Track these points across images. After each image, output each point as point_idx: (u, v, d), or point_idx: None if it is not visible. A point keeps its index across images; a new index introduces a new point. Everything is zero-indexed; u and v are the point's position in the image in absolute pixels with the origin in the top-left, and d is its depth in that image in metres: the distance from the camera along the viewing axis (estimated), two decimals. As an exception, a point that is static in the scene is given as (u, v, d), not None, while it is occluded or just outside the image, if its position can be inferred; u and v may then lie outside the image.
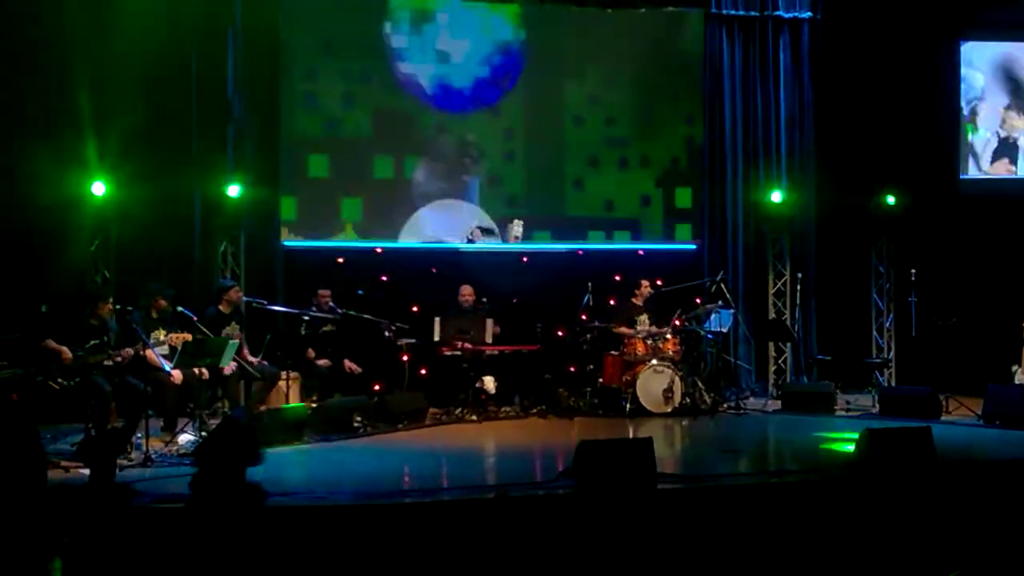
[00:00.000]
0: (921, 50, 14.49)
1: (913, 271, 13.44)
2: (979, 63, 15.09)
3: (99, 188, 12.02)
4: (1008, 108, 15.18)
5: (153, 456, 8.93)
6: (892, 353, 14.65)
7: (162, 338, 9.83)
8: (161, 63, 12.60)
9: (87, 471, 8.08)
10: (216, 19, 12.99)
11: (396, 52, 14.03)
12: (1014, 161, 15.19)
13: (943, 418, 11.78)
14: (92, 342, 9.67)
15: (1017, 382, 11.91)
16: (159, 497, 7.44)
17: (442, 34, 14.16)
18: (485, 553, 6.79)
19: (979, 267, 14.41)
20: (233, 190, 12.71)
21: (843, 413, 12.62)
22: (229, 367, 10.39)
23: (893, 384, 14.22)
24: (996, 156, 15.17)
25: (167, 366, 9.73)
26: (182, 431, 10.00)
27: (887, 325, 14.71)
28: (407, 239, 14.03)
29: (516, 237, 14.20)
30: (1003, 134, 15.19)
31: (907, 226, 14.34)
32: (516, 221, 14.25)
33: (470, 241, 14.03)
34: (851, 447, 9.14)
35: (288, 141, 13.64)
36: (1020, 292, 13.20)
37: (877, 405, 12.64)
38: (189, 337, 9.84)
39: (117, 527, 6.71)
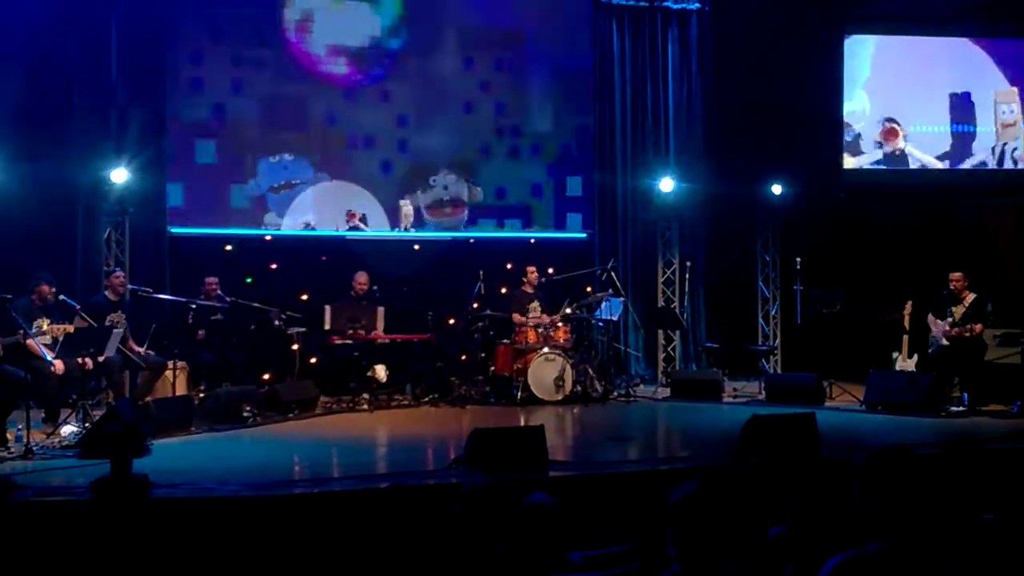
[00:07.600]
0: (805, 42, 14.75)
1: (798, 260, 13.71)
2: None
3: (-25, 172, 11.66)
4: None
5: (34, 448, 8.68)
6: (778, 341, 14.93)
7: (44, 327, 9.58)
8: (41, 43, 12.27)
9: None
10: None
11: (285, 37, 13.87)
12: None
13: (827, 404, 12.00)
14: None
15: (898, 368, 12.21)
16: (41, 490, 7.24)
17: (329, 19, 14.03)
18: (376, 543, 6.77)
19: (861, 256, 14.76)
20: (118, 175, 12.40)
21: (731, 400, 12.82)
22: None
23: (779, 371, 14.47)
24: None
25: (48, 356, 9.50)
26: (65, 422, 9.74)
27: (773, 313, 14.99)
28: (290, 224, 13.91)
29: (407, 216, 14.09)
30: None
31: (792, 216, 14.60)
32: (405, 202, 14.18)
33: (350, 225, 13.86)
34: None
35: (174, 126, 13.40)
36: (899, 280, 13.51)
37: (763, 392, 12.82)
38: (71, 329, 9.62)
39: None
